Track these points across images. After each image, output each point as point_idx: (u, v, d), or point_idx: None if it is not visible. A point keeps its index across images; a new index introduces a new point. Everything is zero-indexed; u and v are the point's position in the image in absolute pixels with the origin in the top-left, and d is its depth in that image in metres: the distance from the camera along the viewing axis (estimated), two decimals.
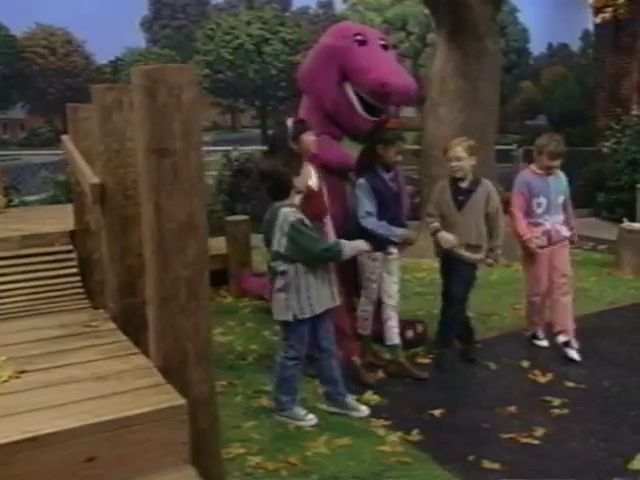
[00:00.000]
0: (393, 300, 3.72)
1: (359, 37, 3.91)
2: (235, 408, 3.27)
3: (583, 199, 10.06)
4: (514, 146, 9.66)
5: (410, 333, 4.15)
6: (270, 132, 3.60)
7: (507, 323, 4.78)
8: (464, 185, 3.82)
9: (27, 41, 30.71)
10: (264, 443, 2.90)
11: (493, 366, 3.90)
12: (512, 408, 3.27)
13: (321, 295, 3.05)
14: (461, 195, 3.81)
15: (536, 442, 2.92)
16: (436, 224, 3.84)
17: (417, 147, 8.27)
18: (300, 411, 3.13)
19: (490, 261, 3.93)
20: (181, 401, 1.93)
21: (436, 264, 4.23)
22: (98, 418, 1.80)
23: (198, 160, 2.11)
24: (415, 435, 2.97)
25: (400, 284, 3.84)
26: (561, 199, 4.05)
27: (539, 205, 3.98)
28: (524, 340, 4.40)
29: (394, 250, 3.76)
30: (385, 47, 4.00)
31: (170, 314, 2.13)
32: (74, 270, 3.68)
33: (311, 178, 3.40)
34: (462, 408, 3.31)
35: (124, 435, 1.82)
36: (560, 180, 4.09)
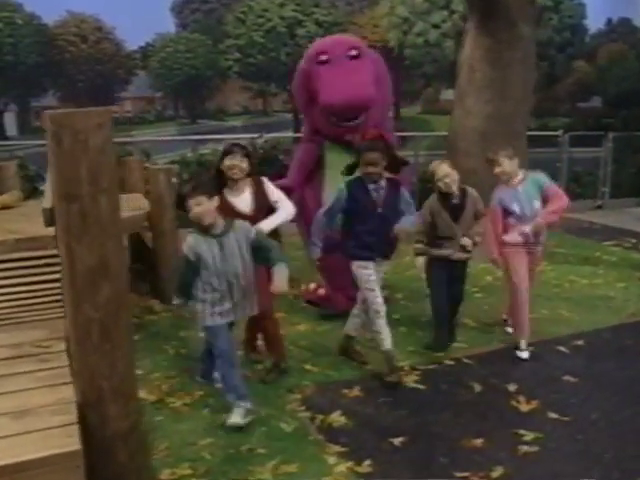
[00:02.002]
0: (381, 310, 3.77)
1: (321, 57, 4.34)
2: (198, 423, 3.32)
3: (634, 187, 9.41)
4: (559, 132, 9.09)
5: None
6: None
7: (509, 336, 4.57)
8: (455, 201, 4.13)
9: (59, 29, 31.16)
10: (213, 465, 2.92)
11: (477, 388, 3.74)
12: (479, 441, 3.12)
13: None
14: (455, 210, 4.15)
15: None
16: (420, 247, 4.22)
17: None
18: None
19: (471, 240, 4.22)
20: (77, 447, 1.96)
21: None
22: None
23: (110, 204, 2.09)
24: (365, 466, 2.90)
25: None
26: (536, 204, 4.14)
27: (512, 214, 4.18)
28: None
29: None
30: (355, 57, 4.32)
31: (85, 353, 2.16)
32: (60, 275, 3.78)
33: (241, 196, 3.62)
34: (426, 437, 3.19)
35: None
36: (532, 184, 4.16)
